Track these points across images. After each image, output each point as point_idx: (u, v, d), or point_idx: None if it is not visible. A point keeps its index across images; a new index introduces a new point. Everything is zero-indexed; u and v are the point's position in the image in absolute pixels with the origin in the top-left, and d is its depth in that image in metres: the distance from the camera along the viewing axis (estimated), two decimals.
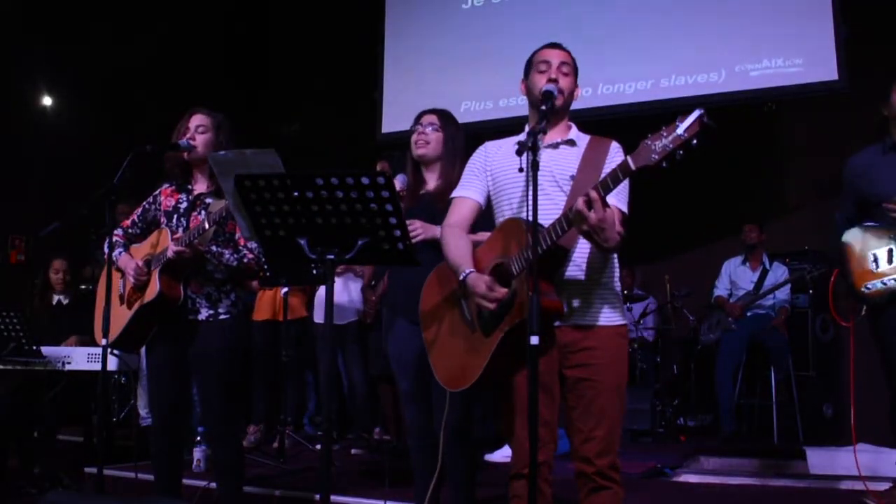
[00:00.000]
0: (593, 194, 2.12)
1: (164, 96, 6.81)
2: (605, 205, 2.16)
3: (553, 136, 2.46)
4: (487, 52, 6.48)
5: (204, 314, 3.13)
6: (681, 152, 2.04)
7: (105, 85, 7.23)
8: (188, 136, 3.15)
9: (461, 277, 2.37)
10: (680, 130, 2.03)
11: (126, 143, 3.14)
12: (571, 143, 2.46)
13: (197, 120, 3.19)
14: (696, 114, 2.02)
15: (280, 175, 2.26)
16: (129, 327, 3.15)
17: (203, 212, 3.16)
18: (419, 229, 2.86)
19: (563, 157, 2.43)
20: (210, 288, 3.14)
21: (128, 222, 3.33)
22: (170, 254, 2.99)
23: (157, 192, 3.32)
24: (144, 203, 3.33)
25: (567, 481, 2.47)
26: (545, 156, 2.38)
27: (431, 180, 3.11)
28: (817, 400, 5.83)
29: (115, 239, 3.28)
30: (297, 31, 8.01)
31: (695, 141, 2.02)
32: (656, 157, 2.05)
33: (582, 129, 2.54)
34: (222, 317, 3.15)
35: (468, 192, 2.56)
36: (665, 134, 2.06)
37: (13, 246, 7.48)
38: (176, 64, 7.42)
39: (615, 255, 2.44)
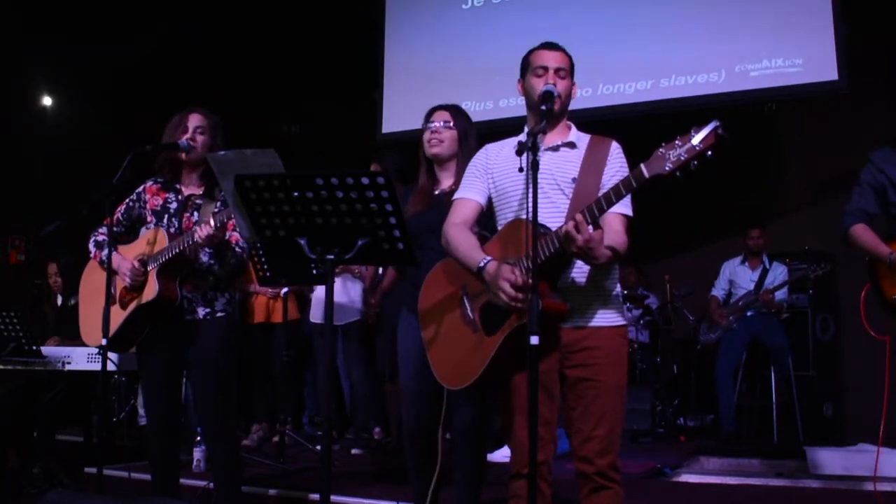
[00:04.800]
0: (579, 217, 2.12)
1: (163, 96, 6.80)
2: (597, 225, 2.18)
3: (553, 138, 2.45)
4: (487, 52, 6.48)
5: (201, 313, 3.13)
6: (696, 163, 2.04)
7: (105, 85, 7.23)
8: (187, 136, 3.14)
9: (480, 265, 2.31)
10: (695, 141, 2.03)
11: (126, 143, 3.13)
12: (571, 145, 2.46)
13: (196, 120, 3.17)
14: (711, 125, 2.02)
15: (280, 175, 2.26)
16: (123, 328, 3.13)
17: (195, 213, 3.16)
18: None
19: (563, 160, 2.42)
20: (205, 287, 3.14)
21: (111, 220, 3.24)
22: (198, 237, 2.90)
23: (140, 189, 3.27)
24: (128, 200, 3.27)
25: (567, 481, 2.47)
26: (546, 159, 2.37)
27: (445, 179, 3.06)
28: (817, 400, 5.83)
29: (100, 238, 3.27)
30: (297, 31, 8.00)
31: (709, 152, 2.02)
32: (670, 166, 2.06)
33: (582, 129, 2.53)
34: (219, 314, 3.15)
35: (470, 194, 2.54)
36: (679, 144, 2.06)
37: (13, 246, 7.50)
38: (176, 64, 7.42)
39: None
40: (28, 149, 7.17)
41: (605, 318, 2.38)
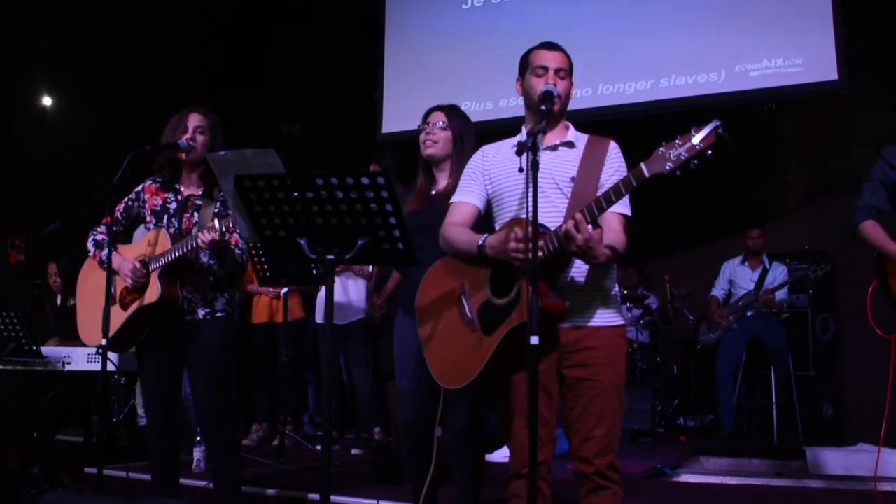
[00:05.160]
0: (578, 216, 2.13)
1: (163, 96, 6.80)
2: (596, 224, 2.18)
3: (551, 137, 2.45)
4: (487, 52, 6.48)
5: (201, 313, 3.13)
6: (696, 162, 2.04)
7: (105, 85, 7.23)
8: (187, 136, 3.13)
9: (480, 242, 2.33)
10: (695, 140, 2.04)
11: (126, 143, 3.13)
12: (570, 144, 2.46)
13: (195, 120, 3.17)
14: (712, 125, 2.03)
15: (280, 175, 2.26)
16: (124, 329, 3.13)
17: (195, 213, 3.16)
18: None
19: (562, 159, 2.42)
20: (205, 288, 3.14)
21: (109, 219, 3.22)
22: (201, 242, 2.92)
23: (139, 188, 3.27)
24: (126, 200, 3.27)
25: (566, 481, 2.47)
26: (544, 158, 2.37)
27: (442, 179, 3.08)
28: (817, 400, 5.83)
29: (99, 237, 3.26)
30: (297, 31, 8.00)
31: (710, 151, 2.02)
32: (670, 165, 2.06)
33: (582, 129, 2.53)
34: (219, 314, 3.15)
35: (467, 197, 2.54)
36: (680, 143, 2.06)
37: (13, 246, 7.50)
38: (176, 63, 7.42)
39: None
40: (28, 149, 7.17)
41: (604, 317, 2.38)
